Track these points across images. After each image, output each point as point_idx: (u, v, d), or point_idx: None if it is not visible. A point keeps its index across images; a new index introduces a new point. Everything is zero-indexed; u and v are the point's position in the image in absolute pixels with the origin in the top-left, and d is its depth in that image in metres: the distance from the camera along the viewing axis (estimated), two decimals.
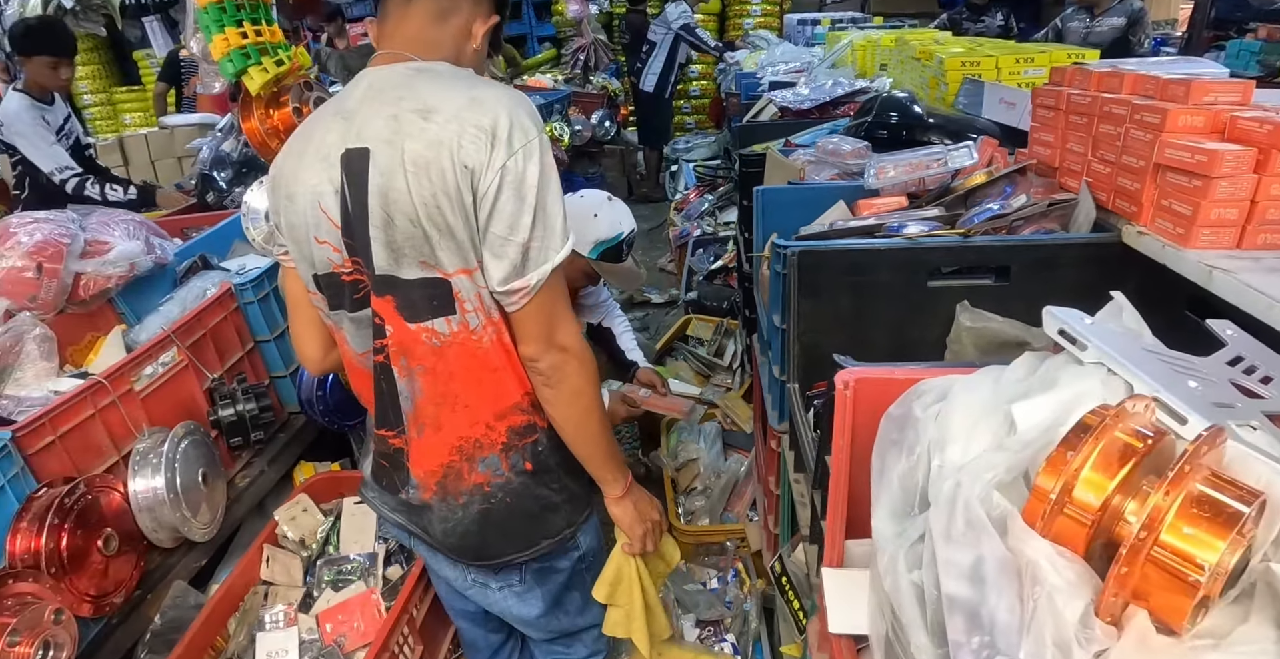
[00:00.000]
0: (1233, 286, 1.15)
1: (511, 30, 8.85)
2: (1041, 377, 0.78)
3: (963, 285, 1.46)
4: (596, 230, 2.17)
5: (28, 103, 3.30)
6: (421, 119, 1.08)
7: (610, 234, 2.18)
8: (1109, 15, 4.87)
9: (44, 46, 3.22)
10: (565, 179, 5.39)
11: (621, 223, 2.21)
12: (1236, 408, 0.75)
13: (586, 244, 2.18)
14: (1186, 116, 1.32)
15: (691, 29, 5.83)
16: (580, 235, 2.18)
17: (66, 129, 3.49)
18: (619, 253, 2.22)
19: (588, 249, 2.18)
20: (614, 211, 2.21)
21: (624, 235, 2.20)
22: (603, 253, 2.19)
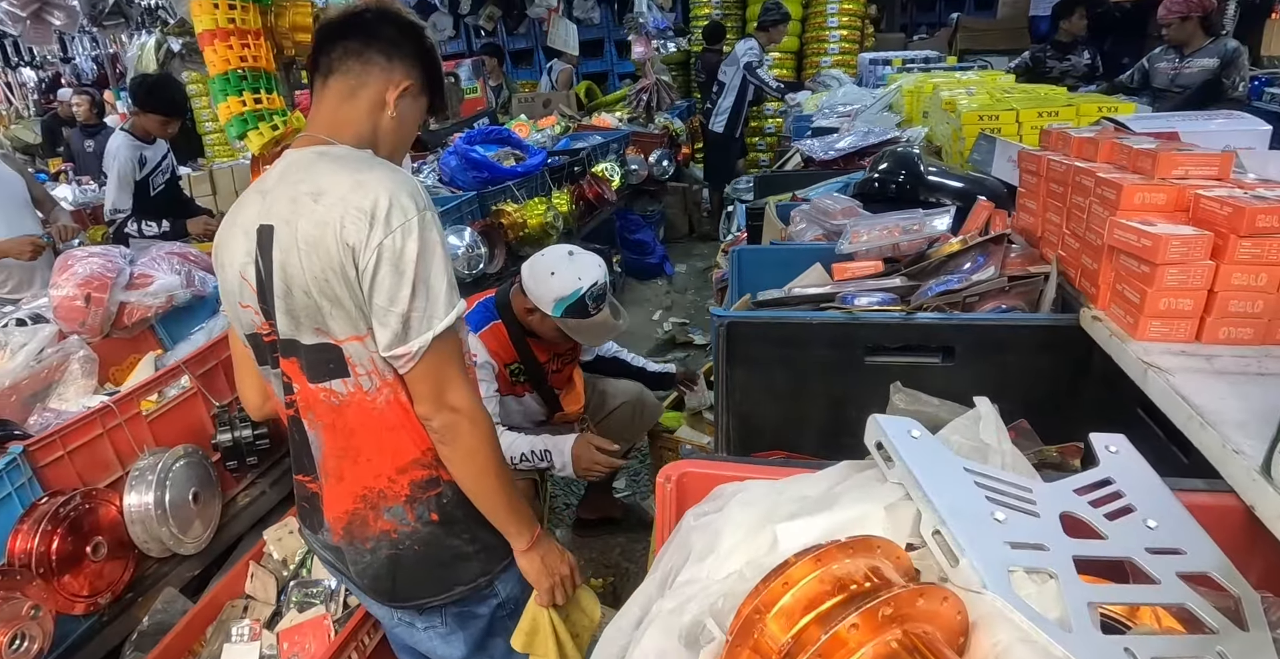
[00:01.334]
0: (1163, 391, 1.05)
1: (592, 68, 9.09)
2: (825, 494, 0.73)
3: (906, 363, 1.38)
4: (554, 289, 2.17)
5: (130, 142, 3.63)
6: (313, 201, 1.17)
7: (569, 291, 2.17)
8: (1200, 56, 4.55)
9: (159, 107, 3.58)
10: (620, 216, 5.47)
11: (581, 277, 2.18)
12: (1043, 550, 0.68)
13: (548, 303, 2.19)
14: (1144, 193, 1.22)
15: (753, 69, 5.81)
16: (542, 294, 2.21)
17: (164, 165, 3.81)
18: (584, 308, 2.20)
19: (550, 308, 2.19)
20: (573, 267, 2.20)
21: (584, 290, 2.17)
22: (566, 310, 2.19)
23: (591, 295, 2.20)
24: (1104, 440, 0.87)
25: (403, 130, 1.33)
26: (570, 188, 4.18)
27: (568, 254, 2.29)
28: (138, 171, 3.65)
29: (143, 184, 3.68)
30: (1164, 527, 0.75)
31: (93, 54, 9.37)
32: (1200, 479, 0.88)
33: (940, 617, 0.58)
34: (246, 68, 1.95)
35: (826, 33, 8.00)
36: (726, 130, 6.19)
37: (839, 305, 1.49)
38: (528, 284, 2.28)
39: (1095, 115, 2.27)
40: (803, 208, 2.14)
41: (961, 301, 1.43)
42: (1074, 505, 0.76)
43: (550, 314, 2.20)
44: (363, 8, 1.29)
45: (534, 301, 2.26)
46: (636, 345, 4.32)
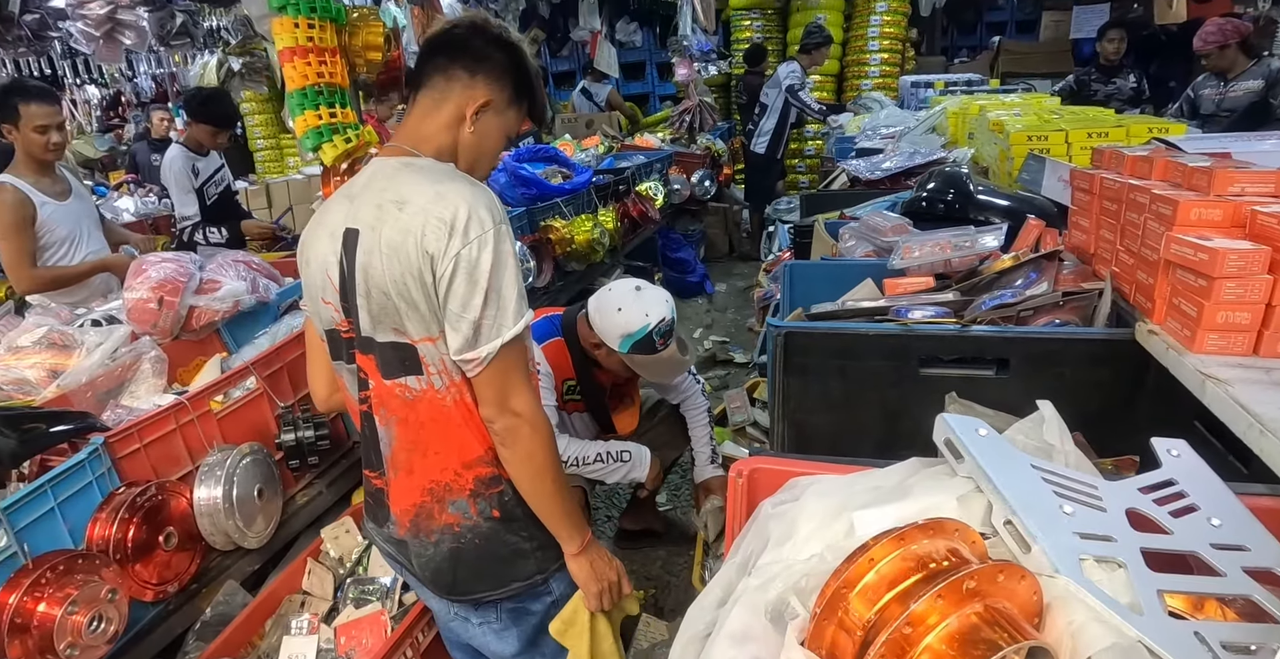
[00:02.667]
0: (1221, 400, 1.07)
1: (634, 89, 9.24)
2: (898, 485, 0.77)
3: (960, 375, 1.41)
4: (620, 325, 2.19)
5: (184, 154, 3.81)
6: (397, 209, 1.25)
7: (636, 327, 2.18)
8: (1244, 79, 4.52)
9: (209, 117, 3.80)
10: (662, 235, 5.54)
11: (649, 313, 2.18)
12: (1110, 541, 0.71)
13: (615, 339, 2.21)
14: (1200, 209, 1.24)
15: (795, 91, 5.88)
16: (609, 330, 2.22)
17: (218, 177, 3.98)
18: (650, 344, 2.21)
19: (616, 344, 2.21)
20: (641, 303, 2.20)
21: (651, 327, 2.18)
22: (634, 346, 2.21)
23: (659, 331, 2.20)
24: (1165, 445, 0.90)
25: (484, 144, 1.39)
26: (615, 206, 4.26)
27: (635, 289, 2.27)
28: (193, 181, 3.82)
29: (198, 194, 3.85)
30: (1227, 525, 0.78)
31: (154, 72, 9.74)
32: (1262, 484, 0.90)
33: (1018, 595, 0.62)
34: (323, 83, 2.06)
35: (867, 56, 8.07)
36: (768, 152, 6.26)
37: (893, 318, 1.52)
38: (594, 319, 2.28)
39: (1145, 136, 2.29)
40: (852, 225, 2.18)
41: (1016, 315, 1.45)
42: (1139, 502, 0.79)
43: (617, 350, 2.21)
44: (454, 23, 1.36)
45: (600, 337, 2.26)
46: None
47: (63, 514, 1.79)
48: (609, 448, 2.40)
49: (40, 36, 6.75)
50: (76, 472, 1.83)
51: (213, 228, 3.79)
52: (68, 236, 3.10)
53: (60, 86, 8.80)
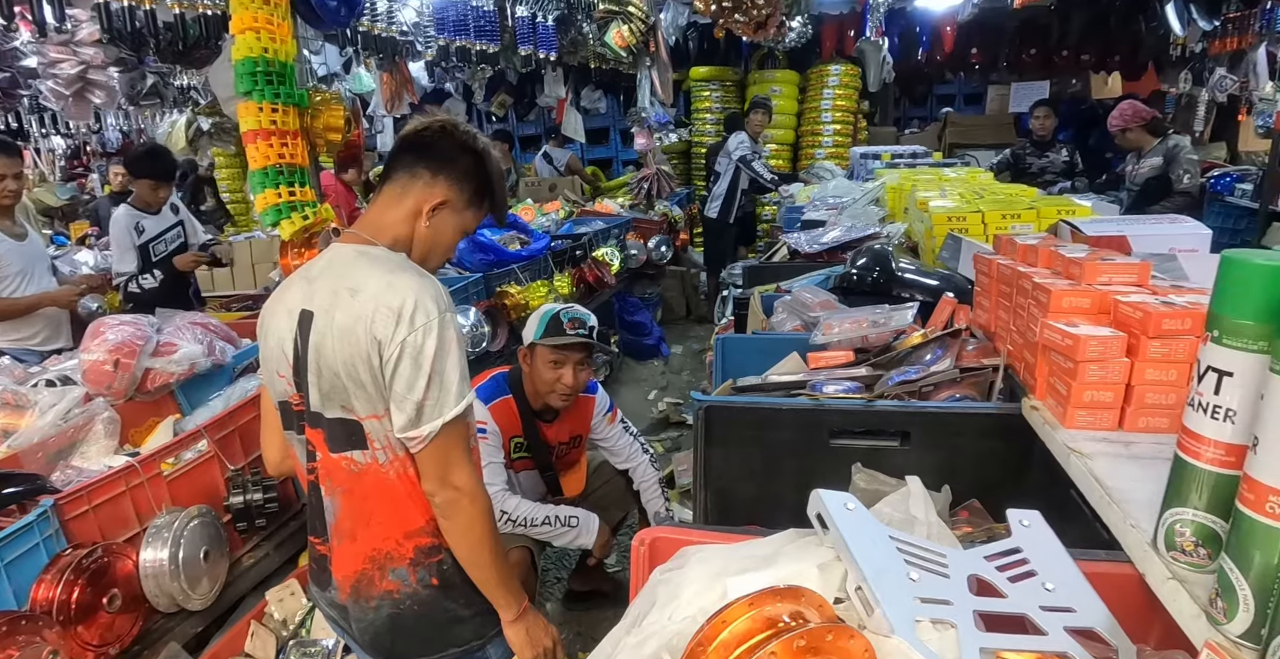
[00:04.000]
0: (1081, 473, 1.20)
1: (599, 154, 9.54)
2: (771, 554, 0.87)
3: (867, 446, 1.53)
4: (535, 317, 2.49)
5: (129, 212, 3.94)
6: (350, 296, 1.36)
7: (545, 311, 2.48)
8: (1150, 155, 4.92)
9: (148, 172, 3.89)
10: (619, 298, 5.68)
11: (560, 305, 2.55)
12: (948, 605, 0.82)
13: (531, 333, 2.48)
14: (1071, 298, 1.39)
15: (748, 162, 6.16)
16: (528, 330, 2.50)
17: (169, 236, 4.03)
18: (559, 326, 2.43)
19: (533, 334, 2.46)
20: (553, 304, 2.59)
21: (558, 309, 2.48)
22: (545, 328, 2.43)
23: (566, 315, 2.43)
24: (1018, 516, 1.02)
25: (437, 238, 1.49)
26: (572, 271, 4.41)
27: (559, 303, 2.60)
28: (135, 238, 3.89)
29: (143, 250, 3.92)
30: (1060, 589, 0.89)
31: (122, 127, 9.82)
32: (1103, 550, 1.02)
33: (851, 653, 0.72)
34: (284, 164, 2.18)
35: (821, 127, 8.47)
36: (720, 216, 6.52)
37: (809, 392, 1.64)
38: (524, 335, 2.52)
39: (1054, 218, 2.48)
40: (785, 299, 2.32)
41: (918, 390, 1.58)
42: (982, 569, 0.90)
43: (534, 339, 2.42)
44: (426, 125, 1.48)
45: (525, 341, 2.50)
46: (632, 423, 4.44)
47: (8, 575, 1.82)
48: (558, 512, 2.47)
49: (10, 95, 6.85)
50: (24, 534, 1.86)
51: (145, 275, 3.85)
52: (20, 272, 3.35)
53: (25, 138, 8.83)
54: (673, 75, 7.42)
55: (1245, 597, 0.75)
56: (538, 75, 7.81)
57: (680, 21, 8.59)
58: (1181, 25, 5.65)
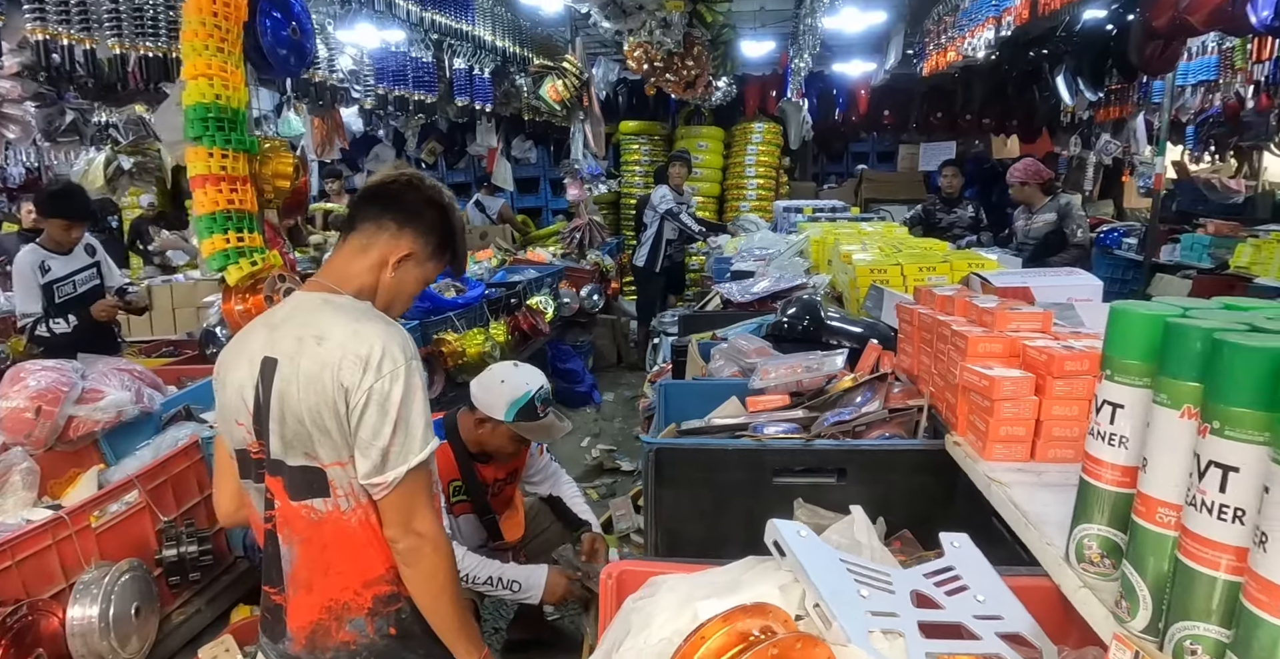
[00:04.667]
0: (1001, 500, 1.32)
1: (529, 202, 9.68)
2: (735, 580, 0.95)
3: (808, 482, 1.63)
4: (506, 393, 2.42)
5: (34, 251, 3.81)
6: (316, 343, 1.39)
7: (520, 393, 2.43)
8: (1043, 212, 5.33)
9: (62, 211, 3.77)
10: (552, 346, 5.75)
11: (529, 382, 2.46)
12: (895, 617, 0.91)
13: (501, 408, 2.42)
14: (985, 343, 1.54)
15: (675, 214, 6.40)
16: (494, 402, 2.44)
17: (80, 278, 3.91)
18: (533, 410, 2.45)
19: (503, 412, 2.41)
20: (520, 374, 2.49)
21: (533, 392, 2.44)
22: (518, 412, 2.42)
23: (540, 397, 2.45)
24: (950, 538, 1.13)
25: (401, 288, 1.54)
26: (507, 319, 4.46)
27: (513, 366, 2.56)
28: (39, 277, 3.76)
29: (47, 290, 3.79)
30: (990, 600, 1.00)
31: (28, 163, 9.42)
32: (1024, 566, 1.13)
33: None
34: (232, 209, 2.20)
35: (745, 181, 8.84)
36: (647, 265, 6.73)
37: (751, 434, 1.74)
38: (479, 396, 2.49)
39: (965, 270, 2.70)
40: (722, 346, 2.44)
41: (851, 430, 1.70)
42: (922, 585, 1.00)
43: (503, 419, 2.40)
44: (393, 178, 1.53)
45: (486, 411, 2.46)
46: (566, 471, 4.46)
47: None
48: (502, 574, 2.45)
49: None
50: None
51: (57, 319, 3.72)
52: None
53: None
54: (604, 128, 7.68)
55: (1144, 596, 0.87)
56: (470, 124, 7.94)
57: (611, 77, 8.94)
58: (1070, 95, 6.19)
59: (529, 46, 6.68)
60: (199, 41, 2.18)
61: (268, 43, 2.63)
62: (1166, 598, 0.85)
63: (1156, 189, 5.93)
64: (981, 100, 8.57)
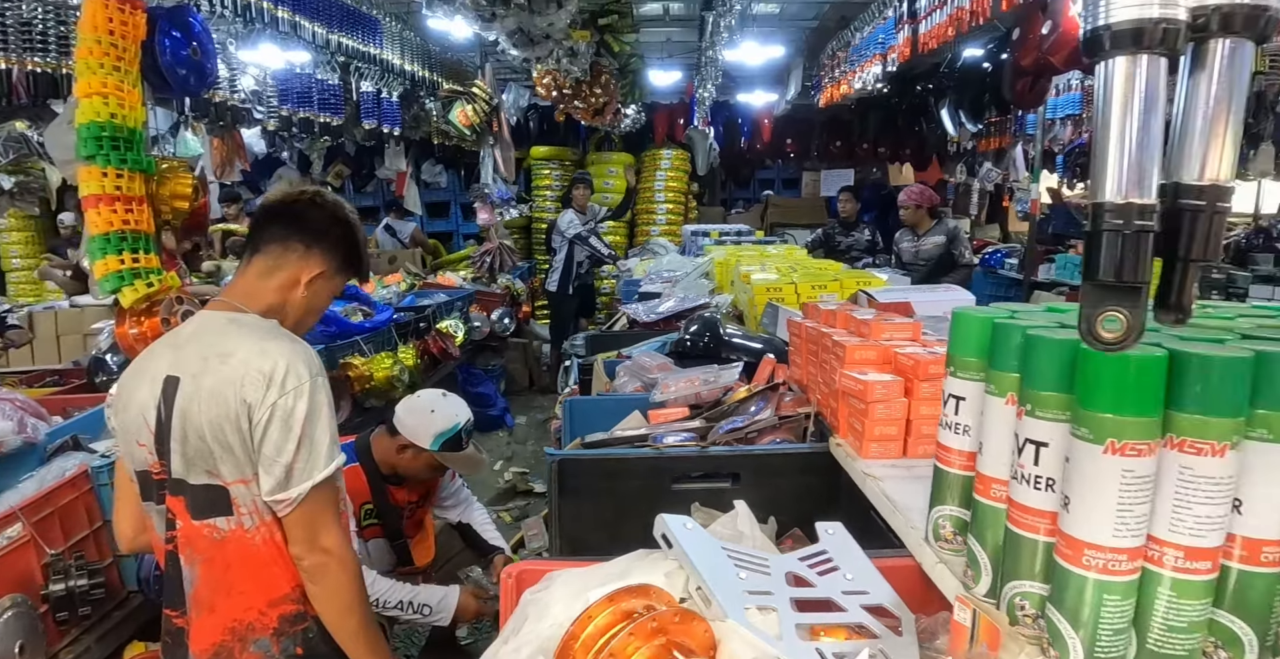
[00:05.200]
0: (874, 492, 1.44)
1: (439, 227, 9.62)
2: (624, 570, 1.02)
3: (705, 488, 1.72)
4: (435, 424, 2.44)
5: None
6: (220, 361, 1.40)
7: (448, 425, 2.45)
8: (932, 234, 5.69)
9: None
10: (463, 370, 5.72)
11: (458, 414, 2.49)
12: (769, 595, 1.00)
13: (428, 437, 2.42)
14: (861, 351, 1.67)
15: (584, 238, 6.53)
16: (421, 430, 2.44)
17: None
18: (459, 441, 2.48)
19: (429, 442, 2.42)
20: (449, 405, 2.52)
21: (460, 425, 2.48)
22: (444, 443, 2.43)
23: (466, 430, 2.49)
24: (825, 526, 1.23)
25: (314, 305, 1.58)
26: (416, 343, 4.43)
27: (442, 395, 2.58)
28: None
29: None
30: (858, 578, 1.10)
31: None
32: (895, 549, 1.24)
33: (694, 634, 0.88)
34: (128, 230, 2.15)
35: (655, 206, 9.03)
36: (559, 289, 6.82)
37: (651, 444, 1.82)
38: (405, 421, 2.49)
39: (854, 288, 2.88)
40: (626, 364, 2.52)
41: (744, 436, 1.81)
42: (796, 568, 1.09)
43: (428, 448, 2.42)
44: (294, 196, 1.55)
45: (410, 438, 2.47)
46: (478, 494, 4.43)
47: None
48: (414, 598, 2.44)
49: None
50: None
51: None
52: None
53: None
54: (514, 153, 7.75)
55: (985, 564, 0.98)
56: (378, 147, 7.87)
57: (522, 103, 9.03)
58: (954, 126, 6.63)
59: (439, 71, 6.70)
60: (94, 60, 2.14)
61: (166, 62, 2.60)
62: (1001, 563, 0.96)
63: (1033, 213, 6.39)
64: (876, 130, 9.04)
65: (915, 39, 4.15)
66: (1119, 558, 0.79)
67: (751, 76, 8.55)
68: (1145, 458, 0.78)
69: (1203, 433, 0.78)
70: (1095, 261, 0.65)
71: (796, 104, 8.20)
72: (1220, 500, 0.79)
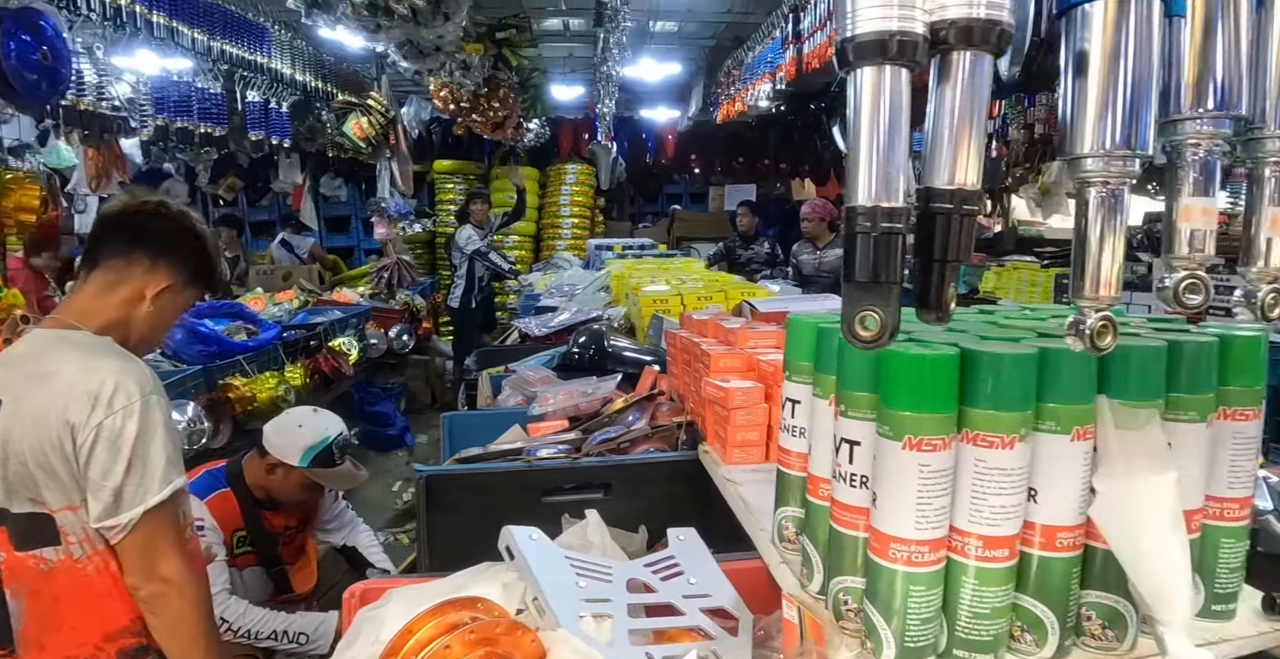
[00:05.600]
0: (732, 497, 1.46)
1: (339, 242, 9.35)
2: (462, 584, 1.01)
3: (577, 499, 1.71)
4: (303, 439, 2.36)
5: None
6: (44, 381, 1.32)
7: (318, 439, 2.38)
8: (833, 247, 5.85)
9: None
10: (361, 389, 5.56)
11: (328, 428, 2.42)
12: (607, 602, 1.00)
13: (296, 453, 2.34)
14: (726, 359, 1.70)
15: (484, 254, 6.48)
16: (289, 447, 2.35)
17: None
18: (331, 457, 2.40)
19: (298, 458, 2.33)
20: (319, 420, 2.45)
21: (331, 439, 2.40)
22: (314, 459, 2.36)
23: (338, 444, 2.41)
24: (676, 533, 1.24)
25: (160, 319, 1.49)
26: (305, 362, 4.29)
27: (312, 411, 2.51)
28: None
29: None
30: (701, 582, 1.11)
31: None
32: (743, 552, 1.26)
33: (520, 644, 0.87)
34: None
35: (560, 220, 9.03)
36: (461, 305, 6.73)
37: (524, 457, 1.81)
38: (272, 440, 2.40)
39: (739, 298, 2.94)
40: (510, 378, 2.50)
41: (617, 447, 1.81)
42: (640, 574, 1.10)
43: (297, 465, 2.33)
44: (139, 205, 1.47)
45: (279, 456, 2.38)
46: (375, 516, 4.31)
47: None
48: (288, 627, 2.33)
49: None
50: None
51: None
52: None
53: None
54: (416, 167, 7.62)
55: (817, 562, 1.01)
56: (272, 160, 7.61)
57: (424, 115, 8.90)
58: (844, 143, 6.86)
59: (333, 81, 6.53)
60: None
61: (11, 66, 2.46)
62: (832, 562, 0.99)
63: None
64: (776, 147, 9.29)
65: (800, 58, 4.30)
66: (922, 549, 0.83)
67: (654, 92, 8.67)
68: (941, 452, 0.81)
69: (994, 427, 0.82)
70: (851, 263, 0.68)
71: (698, 120, 8.36)
72: (1013, 490, 0.84)
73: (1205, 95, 0.75)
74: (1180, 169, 0.76)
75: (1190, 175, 0.74)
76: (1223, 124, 0.74)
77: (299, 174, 8.01)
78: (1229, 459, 0.99)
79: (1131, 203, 0.71)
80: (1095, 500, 0.83)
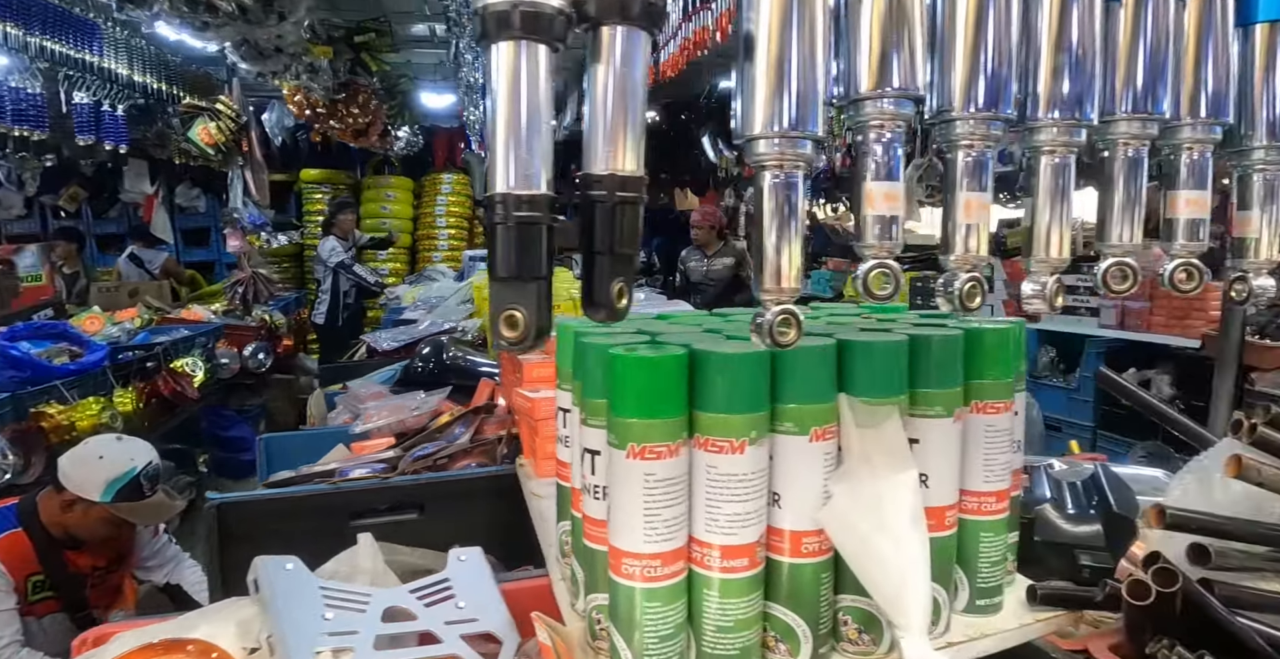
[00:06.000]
0: (535, 512, 1.41)
1: (198, 256, 8.81)
2: (193, 623, 0.92)
3: (390, 521, 1.62)
4: (104, 471, 2.17)
5: None
6: None
7: (120, 472, 2.19)
8: (721, 255, 5.93)
9: None
10: (215, 412, 5.22)
11: (133, 458, 2.23)
12: (353, 634, 0.93)
13: (97, 487, 2.15)
14: (539, 369, 1.65)
15: (348, 266, 6.24)
16: (87, 481, 2.16)
17: None
18: (139, 489, 2.22)
19: (99, 493, 2.14)
20: (123, 449, 2.26)
21: (138, 470, 2.22)
22: (118, 493, 2.17)
23: (147, 474, 2.22)
24: (458, 553, 1.18)
25: None
26: (140, 385, 3.98)
27: (116, 439, 2.31)
28: None
29: None
30: (471, 606, 1.06)
31: None
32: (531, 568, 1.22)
33: None
34: None
35: (436, 231, 8.81)
36: (327, 321, 6.46)
37: (334, 479, 1.71)
38: (68, 472, 2.20)
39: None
40: (342, 395, 2.38)
41: (434, 463, 1.74)
42: (403, 600, 1.03)
43: (99, 499, 2.14)
44: None
45: (77, 491, 2.18)
46: None
47: None
48: None
49: None
50: None
51: None
52: None
53: None
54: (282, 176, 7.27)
55: (581, 580, 0.97)
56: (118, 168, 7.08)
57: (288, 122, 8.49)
58: (714, 154, 7.01)
59: (179, 84, 6.12)
60: None
61: None
62: (592, 577, 0.95)
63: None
64: (655, 157, 9.38)
65: (657, 68, 4.33)
66: (653, 564, 0.80)
67: None
68: (667, 460, 0.79)
69: (724, 430, 0.80)
70: (493, 258, 0.65)
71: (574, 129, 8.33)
72: (749, 496, 0.82)
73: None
74: (864, 155, 0.76)
75: (871, 160, 0.74)
76: (904, 105, 0.75)
77: (148, 183, 7.50)
78: (983, 453, 1.01)
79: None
80: (826, 504, 0.83)
